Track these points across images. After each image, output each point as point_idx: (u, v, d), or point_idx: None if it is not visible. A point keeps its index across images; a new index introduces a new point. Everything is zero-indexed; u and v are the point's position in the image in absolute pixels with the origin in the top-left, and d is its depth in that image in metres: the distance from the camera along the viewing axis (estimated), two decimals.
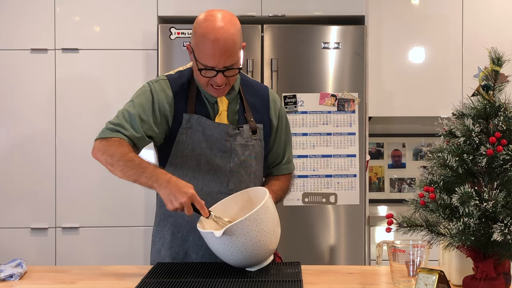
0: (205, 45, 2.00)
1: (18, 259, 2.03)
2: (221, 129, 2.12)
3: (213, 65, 2.02)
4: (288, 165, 2.31)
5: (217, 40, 1.99)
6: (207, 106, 2.14)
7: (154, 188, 1.94)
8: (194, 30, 2.05)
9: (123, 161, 1.98)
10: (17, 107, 3.53)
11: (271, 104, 2.25)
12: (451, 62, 3.70)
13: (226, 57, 2.01)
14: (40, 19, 3.53)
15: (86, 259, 3.47)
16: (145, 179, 1.95)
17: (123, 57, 3.53)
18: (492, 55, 1.64)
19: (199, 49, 2.03)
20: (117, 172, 2.00)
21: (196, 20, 2.06)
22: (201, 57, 2.02)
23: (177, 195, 1.89)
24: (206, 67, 2.03)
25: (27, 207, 3.52)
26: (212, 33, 1.99)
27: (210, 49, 1.99)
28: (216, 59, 2.00)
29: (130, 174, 1.97)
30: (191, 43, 2.08)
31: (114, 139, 2.02)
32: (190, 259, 2.14)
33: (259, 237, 1.84)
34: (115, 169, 1.99)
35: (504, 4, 3.71)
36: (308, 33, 3.41)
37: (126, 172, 1.98)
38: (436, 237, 1.66)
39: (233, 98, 2.18)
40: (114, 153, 1.99)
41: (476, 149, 1.61)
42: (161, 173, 1.95)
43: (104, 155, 2.01)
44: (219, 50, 1.99)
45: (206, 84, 2.09)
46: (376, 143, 4.07)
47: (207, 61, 2.02)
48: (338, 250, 3.41)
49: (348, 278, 1.97)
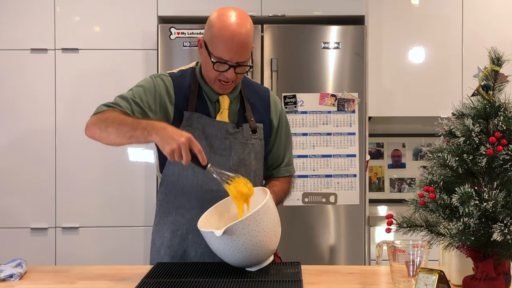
0: (223, 37, 2.03)
1: (18, 259, 2.03)
2: (220, 127, 2.13)
3: (227, 59, 2.04)
4: (288, 167, 2.32)
5: (235, 34, 2.02)
6: (208, 104, 2.16)
7: (151, 136, 1.88)
8: (211, 23, 2.08)
9: (117, 121, 1.95)
10: (17, 107, 3.53)
11: (271, 105, 2.26)
12: (451, 62, 3.71)
13: (240, 53, 2.04)
14: (40, 19, 3.53)
15: (86, 259, 3.47)
16: (141, 130, 1.90)
17: (123, 57, 3.53)
18: (492, 55, 1.64)
19: (215, 42, 2.05)
20: (112, 135, 1.95)
21: (213, 15, 2.09)
22: (216, 49, 2.05)
23: (174, 137, 1.84)
24: (220, 60, 2.05)
25: (27, 207, 3.53)
26: (231, 27, 2.03)
27: (228, 43, 2.03)
28: (232, 53, 2.03)
29: (125, 130, 1.92)
30: (204, 36, 2.10)
31: (108, 110, 2.01)
32: (189, 257, 2.14)
33: (259, 237, 1.84)
34: (110, 133, 1.95)
35: (504, 4, 3.71)
36: (308, 33, 3.41)
37: (121, 130, 1.93)
38: (436, 237, 1.66)
39: (234, 97, 2.19)
40: (107, 118, 1.97)
41: (476, 149, 1.60)
42: (157, 122, 1.94)
43: (97, 124, 1.98)
44: (236, 44, 2.03)
45: (214, 79, 2.11)
46: (376, 143, 4.07)
47: (222, 54, 2.04)
48: (338, 250, 3.41)
49: (348, 278, 1.97)
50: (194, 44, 3.38)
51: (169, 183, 2.15)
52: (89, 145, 3.51)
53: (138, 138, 1.91)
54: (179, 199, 2.14)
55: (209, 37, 2.07)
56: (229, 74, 2.07)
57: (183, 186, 2.12)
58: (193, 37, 3.38)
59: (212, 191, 2.11)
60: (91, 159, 3.54)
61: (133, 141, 1.94)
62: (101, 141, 2.02)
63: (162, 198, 2.18)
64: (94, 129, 2.00)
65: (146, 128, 1.89)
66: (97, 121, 2.00)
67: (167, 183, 2.16)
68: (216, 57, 2.05)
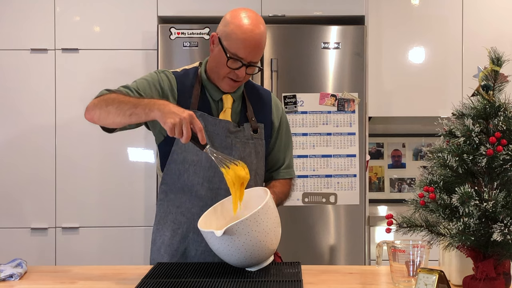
0: (241, 34, 2.06)
1: (18, 259, 2.03)
2: (222, 125, 2.14)
3: (242, 56, 2.07)
4: (289, 170, 2.33)
5: (253, 33, 2.07)
6: (210, 103, 2.17)
7: (152, 111, 1.87)
8: (228, 19, 2.10)
9: (118, 100, 1.95)
10: (17, 108, 3.53)
11: (273, 107, 2.28)
12: (451, 62, 3.71)
13: (255, 52, 2.08)
14: (40, 19, 3.53)
15: (86, 259, 3.47)
16: (142, 106, 1.89)
17: (123, 57, 3.53)
18: (492, 55, 1.64)
19: (232, 38, 2.07)
20: (111, 114, 1.95)
21: (230, 12, 2.13)
22: (233, 46, 2.07)
23: (177, 112, 1.84)
24: (235, 56, 2.07)
25: (27, 207, 3.53)
26: (249, 26, 2.07)
27: (245, 40, 2.06)
28: (247, 51, 2.07)
29: (126, 108, 1.92)
30: (219, 32, 2.12)
31: (110, 93, 2.03)
32: (190, 256, 2.14)
33: (259, 237, 1.84)
34: (110, 112, 1.95)
35: (504, 4, 3.71)
36: (308, 33, 3.41)
37: (122, 108, 1.92)
38: (436, 237, 1.66)
39: (237, 98, 2.21)
40: (108, 98, 1.99)
41: (476, 149, 1.60)
42: (159, 100, 1.95)
43: (98, 105, 1.99)
44: (253, 42, 2.07)
45: (224, 76, 2.12)
46: (376, 143, 4.07)
47: (238, 51, 2.07)
48: (338, 250, 3.41)
49: (348, 278, 1.97)
50: (194, 44, 3.38)
51: (170, 181, 2.15)
52: (89, 146, 3.53)
53: (139, 115, 1.90)
54: (180, 198, 2.14)
55: (225, 33, 2.09)
56: (241, 72, 2.09)
57: (184, 185, 2.13)
58: (193, 37, 3.38)
59: (212, 190, 2.12)
60: (91, 159, 3.54)
61: (133, 119, 1.93)
62: (99, 122, 2.02)
63: (162, 197, 2.19)
64: (94, 109, 2.01)
65: (148, 104, 1.89)
66: (98, 102, 2.01)
67: (168, 181, 2.16)
68: (231, 53, 2.07)
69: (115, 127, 2.05)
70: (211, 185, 2.12)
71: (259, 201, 1.91)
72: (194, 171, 2.12)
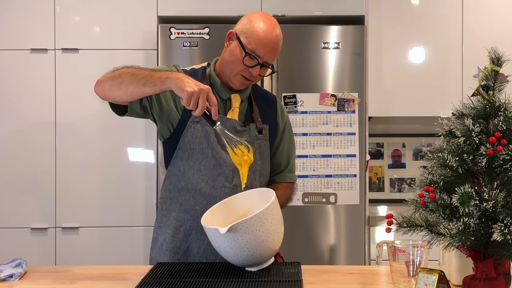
0: (262, 32, 2.09)
1: (18, 259, 2.03)
2: (229, 124, 2.14)
3: (260, 54, 2.09)
4: (291, 174, 2.33)
5: (273, 33, 2.11)
6: (218, 102, 2.16)
7: (169, 79, 1.87)
8: (250, 18, 2.13)
9: (132, 71, 1.95)
10: (17, 108, 3.53)
11: (278, 111, 2.30)
12: (451, 62, 3.71)
13: (272, 53, 2.12)
14: (40, 19, 3.53)
15: (86, 259, 3.47)
16: (158, 75, 1.90)
17: (123, 57, 3.53)
18: (492, 55, 1.64)
19: (252, 35, 2.09)
20: (124, 84, 1.94)
21: (250, 13, 2.17)
22: (252, 42, 2.09)
23: (196, 83, 1.87)
24: (253, 53, 2.09)
25: (27, 207, 3.53)
26: (270, 26, 2.11)
27: (265, 39, 2.09)
28: (266, 50, 2.09)
29: (140, 77, 1.92)
30: (237, 29, 2.14)
31: (123, 68, 2.02)
32: (192, 254, 2.15)
33: (263, 237, 1.84)
34: (123, 82, 1.94)
35: (504, 4, 3.71)
36: (308, 33, 3.41)
37: (136, 77, 1.92)
38: (436, 237, 1.66)
39: (245, 98, 2.22)
40: (121, 70, 1.99)
41: (476, 149, 1.60)
42: (175, 72, 1.95)
43: (108, 78, 1.98)
44: (272, 43, 2.10)
45: (237, 73, 2.13)
46: (376, 143, 4.07)
47: (256, 48, 2.09)
48: (338, 250, 3.41)
49: (348, 278, 1.97)
50: (194, 44, 3.38)
51: (174, 179, 2.16)
52: (90, 146, 3.53)
53: (153, 83, 1.90)
54: (183, 195, 2.15)
55: (245, 30, 2.11)
56: (254, 71, 2.11)
57: (188, 182, 2.13)
58: (193, 37, 3.38)
59: (217, 189, 2.13)
60: (91, 159, 3.54)
61: (147, 89, 1.92)
62: (110, 94, 2.00)
63: (165, 195, 2.19)
64: (106, 80, 1.99)
65: (164, 74, 1.90)
66: (111, 74, 2.00)
67: (172, 179, 2.16)
68: (250, 50, 2.09)
69: (126, 100, 2.02)
70: (215, 183, 2.13)
71: (264, 202, 1.91)
72: (199, 169, 2.12)
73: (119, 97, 2.00)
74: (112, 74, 2.01)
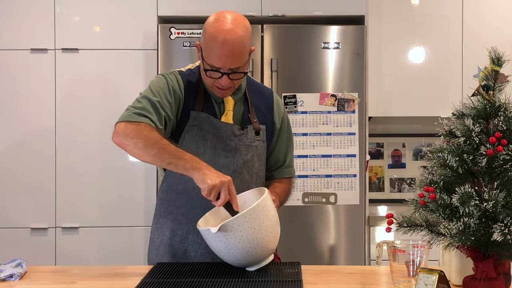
0: (214, 45, 2.01)
1: (18, 259, 2.03)
2: (227, 128, 2.13)
3: (219, 66, 2.03)
4: (289, 169, 2.32)
5: (225, 42, 1.99)
6: (213, 105, 2.15)
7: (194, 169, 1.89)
8: (204, 29, 2.06)
9: (159, 145, 1.93)
10: (17, 108, 3.53)
11: (275, 107, 2.27)
12: (451, 62, 3.71)
13: (232, 60, 2.02)
14: (40, 19, 3.53)
15: (86, 259, 3.47)
16: (183, 161, 1.91)
17: (123, 57, 3.53)
18: (492, 55, 1.64)
19: (207, 49, 2.03)
20: (147, 156, 1.94)
21: (207, 20, 2.07)
22: (209, 57, 2.03)
23: (218, 175, 1.88)
24: (212, 68, 2.04)
25: (27, 207, 3.53)
26: (221, 34, 2.00)
27: (218, 50, 2.00)
28: (223, 60, 2.01)
29: (165, 157, 1.92)
30: (200, 42, 2.09)
31: (144, 124, 1.97)
32: (190, 257, 2.14)
33: (255, 235, 1.84)
34: (146, 153, 1.94)
35: (504, 4, 3.71)
36: (308, 33, 3.41)
37: (161, 156, 1.92)
38: (436, 237, 1.66)
39: (239, 99, 2.19)
40: (147, 137, 1.94)
41: (476, 149, 1.60)
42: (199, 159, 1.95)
43: (134, 138, 1.94)
44: (226, 51, 2.00)
45: (211, 85, 2.10)
46: (376, 143, 4.07)
47: (214, 62, 2.03)
48: (338, 250, 3.41)
49: (348, 278, 1.97)
50: (194, 44, 3.38)
51: (172, 181, 2.15)
52: (89, 146, 3.53)
53: (177, 168, 1.93)
54: (181, 198, 2.14)
55: (203, 43, 2.06)
56: (223, 81, 2.05)
57: (186, 185, 2.12)
58: (193, 37, 3.38)
59: None
60: (91, 159, 3.54)
61: (169, 168, 1.96)
62: (130, 153, 1.99)
63: (163, 197, 2.18)
64: (127, 141, 1.95)
65: (190, 161, 1.91)
66: (133, 134, 1.95)
67: (170, 181, 2.16)
68: (208, 65, 2.04)
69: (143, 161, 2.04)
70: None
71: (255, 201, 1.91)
72: None
73: (139, 158, 2.00)
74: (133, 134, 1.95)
